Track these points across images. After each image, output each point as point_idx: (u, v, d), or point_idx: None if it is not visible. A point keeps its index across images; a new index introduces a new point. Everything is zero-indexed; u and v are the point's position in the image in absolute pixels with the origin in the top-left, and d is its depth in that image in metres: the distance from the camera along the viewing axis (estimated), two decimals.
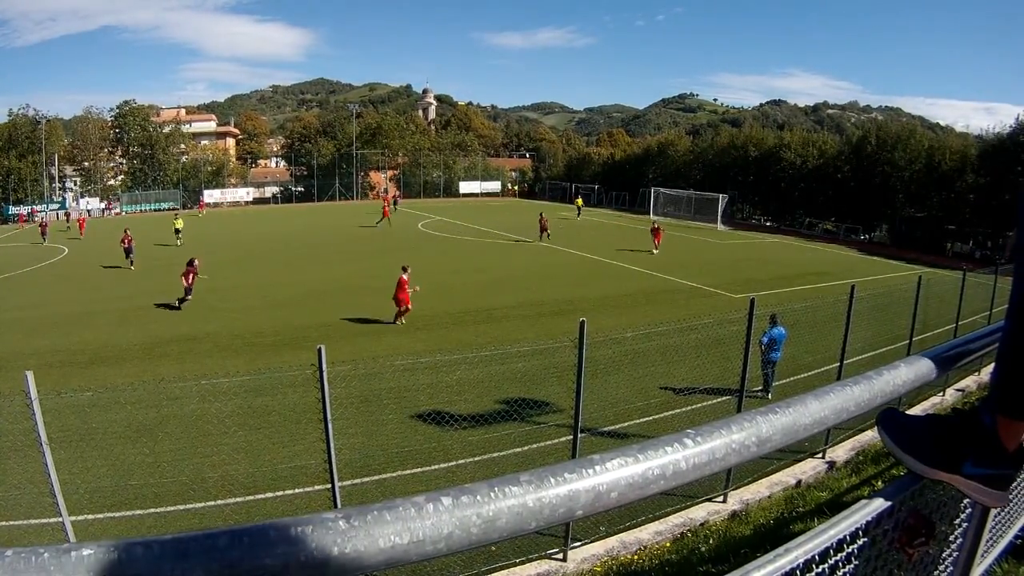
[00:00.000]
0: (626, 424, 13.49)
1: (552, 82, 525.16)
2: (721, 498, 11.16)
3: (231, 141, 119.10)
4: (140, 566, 0.96)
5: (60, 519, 7.67)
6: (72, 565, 0.94)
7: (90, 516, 10.22)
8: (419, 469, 11.76)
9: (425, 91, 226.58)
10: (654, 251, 38.18)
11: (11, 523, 10.20)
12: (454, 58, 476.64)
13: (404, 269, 22.59)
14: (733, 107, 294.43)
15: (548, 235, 42.61)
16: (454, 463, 11.95)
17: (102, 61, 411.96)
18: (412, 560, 1.01)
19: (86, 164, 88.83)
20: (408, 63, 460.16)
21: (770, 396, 15.01)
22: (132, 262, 32.98)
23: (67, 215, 66.67)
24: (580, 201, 67.19)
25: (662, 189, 65.86)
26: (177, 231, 43.50)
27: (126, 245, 33.26)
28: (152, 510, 10.60)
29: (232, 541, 0.98)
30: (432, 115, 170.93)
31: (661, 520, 10.47)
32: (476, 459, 11.99)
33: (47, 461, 7.29)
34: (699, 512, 10.84)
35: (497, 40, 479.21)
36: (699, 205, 60.94)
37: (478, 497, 1.01)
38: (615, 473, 1.12)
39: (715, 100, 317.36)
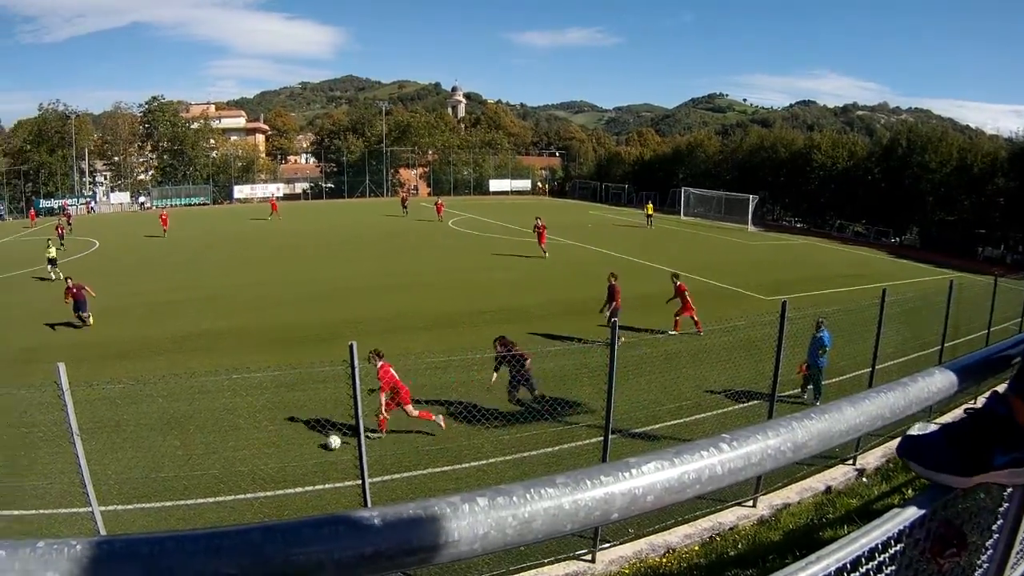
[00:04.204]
0: (657, 426, 13.43)
1: (581, 81, 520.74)
2: (751, 502, 11.08)
3: (260, 137, 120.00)
4: (173, 560, 0.97)
5: (90, 509, 7.74)
6: (104, 558, 0.95)
7: (119, 507, 10.34)
8: (449, 467, 11.77)
9: (454, 89, 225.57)
10: None
11: (41, 511, 10.38)
12: (482, 56, 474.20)
13: (676, 276, 21.15)
14: (763, 107, 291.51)
15: None
16: (485, 461, 11.93)
17: (131, 58, 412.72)
18: (445, 560, 1.01)
19: (116, 159, 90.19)
20: (436, 61, 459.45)
21: (818, 403, 14.79)
22: (81, 317, 21.89)
23: (67, 216, 56.33)
24: (651, 207, 56.91)
25: (692, 189, 65.26)
26: (50, 261, 31.33)
27: (74, 295, 22.05)
28: (182, 502, 10.73)
29: (266, 537, 0.98)
30: (461, 113, 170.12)
31: (690, 523, 10.41)
32: (507, 458, 11.96)
33: (78, 451, 7.37)
34: (729, 516, 10.78)
35: (525, 39, 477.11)
36: (729, 205, 60.19)
37: (514, 498, 1.01)
38: (651, 477, 1.11)
39: (744, 100, 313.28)
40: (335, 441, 12.35)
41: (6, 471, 11.62)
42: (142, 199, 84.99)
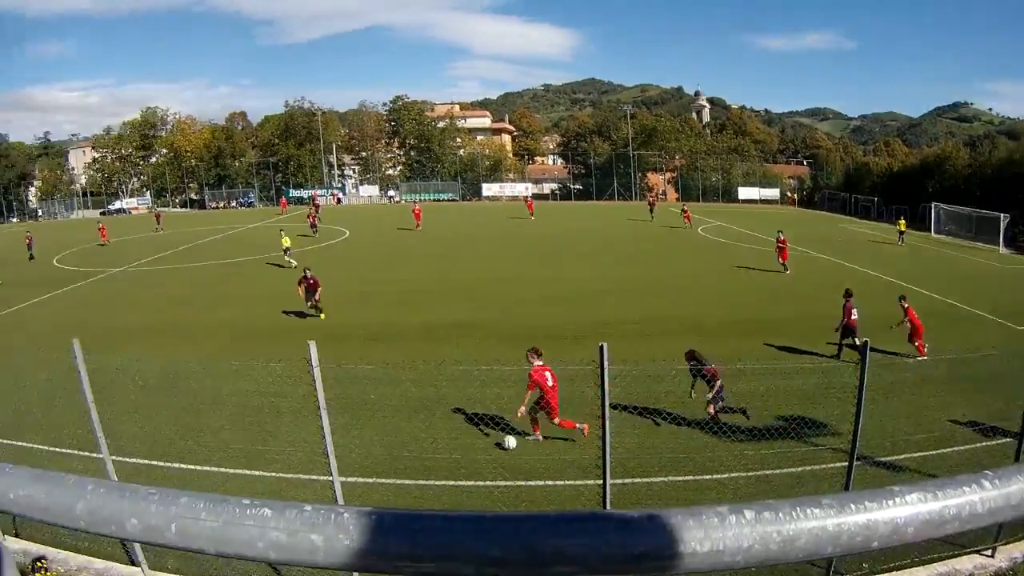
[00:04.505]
0: (901, 456, 12.52)
1: (824, 87, 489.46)
2: (990, 551, 10.13)
3: (507, 137, 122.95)
4: (440, 538, 1.06)
5: (330, 478, 8.20)
6: (372, 528, 1.06)
7: (358, 479, 10.99)
8: (690, 476, 11.53)
9: (697, 93, 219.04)
10: None
11: (281, 475, 11.29)
12: (724, 61, 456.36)
13: (903, 298, 19.85)
14: (1009, 118, 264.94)
15: None
16: (726, 475, 11.53)
17: (371, 59, 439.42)
18: (706, 568, 1.04)
19: (363, 154, 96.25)
20: (677, 65, 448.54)
21: None
22: (315, 306, 22.55)
23: (316, 206, 58.47)
24: (903, 223, 50.75)
25: (943, 205, 60.43)
26: (286, 250, 34.08)
27: (309, 286, 22.61)
28: (421, 481, 11.18)
29: (536, 526, 1.05)
30: (706, 118, 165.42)
31: (925, 566, 9.63)
32: (748, 474, 11.49)
33: (324, 424, 7.82)
34: (965, 563, 9.90)
35: (765, 43, 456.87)
36: (979, 224, 55.12)
37: (780, 514, 1.04)
38: (913, 508, 1.10)
39: (990, 109, 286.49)
40: (511, 441, 12.48)
41: (253, 435, 12.73)
42: (391, 193, 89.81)
